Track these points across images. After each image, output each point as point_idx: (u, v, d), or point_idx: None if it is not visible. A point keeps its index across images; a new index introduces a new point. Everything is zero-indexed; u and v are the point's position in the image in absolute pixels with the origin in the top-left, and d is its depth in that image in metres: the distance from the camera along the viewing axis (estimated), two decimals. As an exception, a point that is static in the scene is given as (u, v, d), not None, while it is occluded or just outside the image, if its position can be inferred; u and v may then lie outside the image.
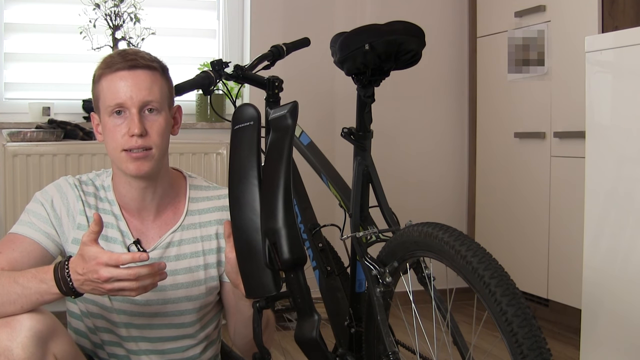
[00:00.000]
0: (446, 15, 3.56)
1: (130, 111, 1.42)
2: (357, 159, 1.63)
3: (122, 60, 1.44)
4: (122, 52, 1.47)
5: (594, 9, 2.70)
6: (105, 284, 1.23)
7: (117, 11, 3.02)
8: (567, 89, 2.87)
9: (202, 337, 1.60)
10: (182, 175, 1.61)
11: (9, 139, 2.81)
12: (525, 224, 3.15)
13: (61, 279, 1.27)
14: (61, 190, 1.51)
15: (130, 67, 1.43)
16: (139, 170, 1.44)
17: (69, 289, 1.27)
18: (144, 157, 1.43)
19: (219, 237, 1.56)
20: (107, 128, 1.45)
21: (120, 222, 1.51)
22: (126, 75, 1.43)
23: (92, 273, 1.23)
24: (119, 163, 1.46)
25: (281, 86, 2.10)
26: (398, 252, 1.43)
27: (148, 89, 1.43)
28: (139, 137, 1.42)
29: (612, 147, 2.14)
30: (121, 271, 1.23)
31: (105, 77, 1.44)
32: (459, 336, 1.39)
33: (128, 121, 1.42)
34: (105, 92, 1.44)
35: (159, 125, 1.45)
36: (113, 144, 1.45)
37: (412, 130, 3.53)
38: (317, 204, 2.00)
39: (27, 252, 1.43)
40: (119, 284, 1.23)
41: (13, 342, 1.23)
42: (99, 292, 1.26)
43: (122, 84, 1.42)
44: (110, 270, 1.22)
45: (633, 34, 2.08)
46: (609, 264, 2.13)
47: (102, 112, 1.46)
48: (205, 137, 3.13)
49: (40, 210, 1.48)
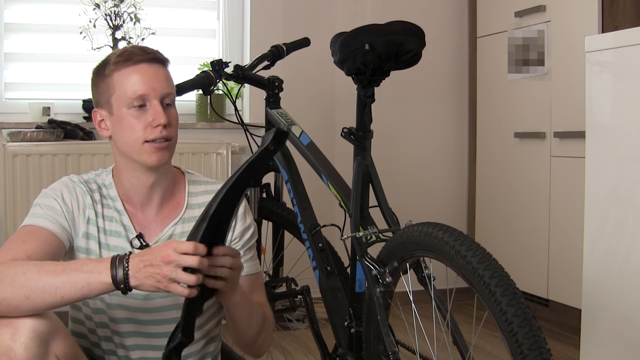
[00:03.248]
0: (446, 15, 3.56)
1: (152, 102, 1.44)
2: (357, 159, 1.63)
3: (142, 53, 1.46)
4: (137, 46, 1.49)
5: (594, 9, 2.70)
6: (165, 267, 1.22)
7: (117, 11, 3.02)
8: (567, 89, 2.87)
9: (202, 333, 1.60)
10: (180, 171, 1.63)
11: (9, 139, 2.81)
12: (525, 224, 3.15)
13: (117, 267, 1.25)
14: (68, 187, 1.52)
15: (151, 60, 1.45)
16: (160, 160, 1.46)
17: (122, 277, 1.25)
18: (166, 147, 1.46)
19: None
20: (125, 120, 1.45)
21: (123, 217, 1.52)
22: (148, 68, 1.45)
23: (157, 255, 1.23)
24: (138, 155, 1.46)
25: (281, 86, 2.10)
26: (398, 252, 1.43)
27: (166, 82, 1.47)
28: (163, 128, 1.44)
29: (612, 147, 2.14)
30: (186, 257, 1.22)
31: (124, 68, 1.44)
32: (459, 336, 1.39)
33: (151, 112, 1.44)
34: (123, 84, 1.44)
35: (175, 117, 1.49)
36: (133, 136, 1.44)
37: (412, 130, 3.53)
38: (317, 204, 2.01)
39: (48, 242, 1.42)
40: (177, 272, 1.22)
41: (16, 342, 1.23)
42: (152, 282, 1.24)
43: (144, 77, 1.44)
44: (175, 254, 1.22)
45: (633, 34, 2.08)
46: (609, 264, 2.13)
47: (116, 105, 1.46)
48: (205, 137, 3.13)
49: (53, 204, 1.48)
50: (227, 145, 3.02)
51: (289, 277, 2.10)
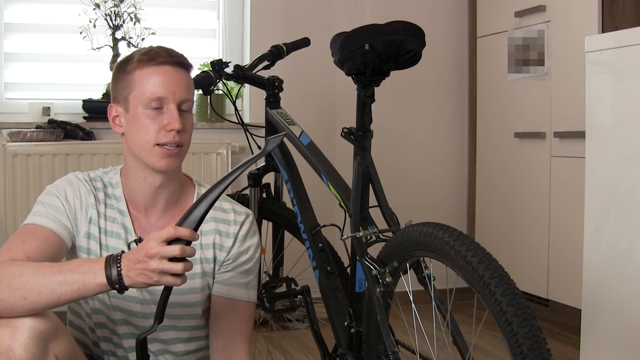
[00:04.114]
0: (446, 15, 3.57)
1: (169, 106, 1.43)
2: (357, 159, 1.63)
3: (167, 55, 1.45)
4: (163, 48, 1.48)
5: (594, 9, 2.70)
6: (151, 262, 1.21)
7: (117, 11, 3.02)
8: (567, 89, 2.87)
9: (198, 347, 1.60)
10: (191, 181, 1.61)
11: (9, 139, 2.81)
12: (525, 224, 3.15)
13: (111, 267, 1.25)
14: (73, 185, 1.51)
15: (175, 64, 1.45)
16: (169, 166, 1.45)
17: (117, 277, 1.25)
18: (177, 153, 1.45)
19: (215, 247, 1.55)
20: (140, 120, 1.44)
21: (125, 219, 1.51)
22: (171, 71, 1.44)
23: (142, 251, 1.22)
24: (147, 157, 1.45)
25: (281, 86, 2.10)
26: (398, 252, 1.43)
27: (187, 88, 1.46)
28: (177, 133, 1.43)
29: (612, 147, 2.14)
30: (168, 247, 1.21)
31: (147, 68, 1.43)
32: (459, 336, 1.39)
33: (167, 116, 1.43)
34: (144, 83, 1.43)
35: (190, 124, 1.48)
36: (145, 137, 1.43)
37: (412, 130, 3.53)
38: (317, 204, 2.01)
39: (49, 242, 1.41)
40: (163, 263, 1.21)
41: (15, 342, 1.23)
42: (143, 279, 1.24)
43: (166, 79, 1.43)
44: (158, 246, 1.21)
45: (633, 34, 2.08)
46: (609, 264, 2.13)
47: (133, 103, 1.44)
48: (205, 137, 3.13)
49: (55, 202, 1.47)
50: (227, 145, 3.02)
51: (289, 277, 2.10)
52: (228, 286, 1.54)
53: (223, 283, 1.55)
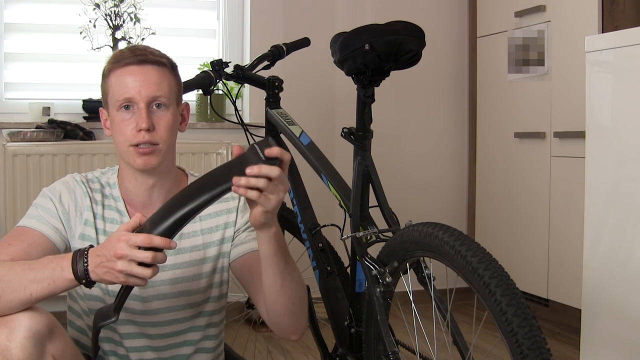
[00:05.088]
0: (446, 15, 3.56)
1: (138, 106, 1.43)
2: (357, 159, 1.63)
3: (131, 55, 1.45)
4: (132, 47, 1.49)
5: (594, 9, 2.70)
6: (118, 263, 1.20)
7: (117, 11, 3.02)
8: (567, 89, 2.87)
9: (199, 337, 1.59)
10: (184, 173, 1.62)
11: (9, 139, 2.81)
12: (525, 224, 3.15)
13: (78, 262, 1.25)
14: (69, 187, 1.52)
15: (139, 62, 1.44)
16: (145, 165, 1.45)
17: (83, 272, 1.24)
18: (151, 152, 1.44)
19: (221, 228, 1.57)
20: (116, 122, 1.46)
21: (124, 218, 1.52)
22: (135, 70, 1.44)
23: (111, 250, 1.21)
24: (126, 157, 1.47)
25: (281, 86, 2.10)
26: (398, 252, 1.43)
27: (156, 84, 1.44)
28: (146, 132, 1.42)
29: (612, 147, 2.14)
30: (138, 252, 1.19)
31: (115, 71, 1.45)
32: (459, 336, 1.39)
33: (136, 116, 1.43)
34: (114, 87, 1.45)
35: (166, 121, 1.46)
36: (121, 139, 1.45)
37: (412, 130, 3.53)
38: (317, 204, 2.01)
39: (36, 244, 1.42)
40: (131, 267, 1.20)
41: (12, 342, 1.23)
42: (110, 278, 1.23)
43: (130, 79, 1.43)
44: (128, 249, 1.19)
45: (633, 34, 2.08)
46: (609, 264, 2.13)
47: (110, 107, 1.47)
48: (205, 137, 3.13)
49: (48, 205, 1.48)
50: (227, 145, 3.02)
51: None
52: (248, 242, 1.55)
53: (242, 242, 1.56)
